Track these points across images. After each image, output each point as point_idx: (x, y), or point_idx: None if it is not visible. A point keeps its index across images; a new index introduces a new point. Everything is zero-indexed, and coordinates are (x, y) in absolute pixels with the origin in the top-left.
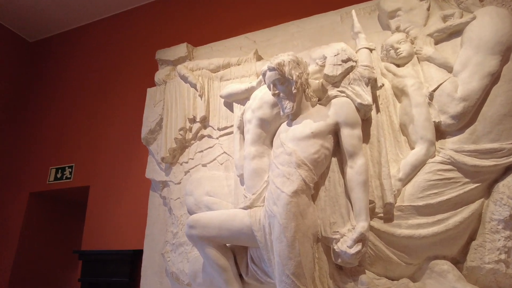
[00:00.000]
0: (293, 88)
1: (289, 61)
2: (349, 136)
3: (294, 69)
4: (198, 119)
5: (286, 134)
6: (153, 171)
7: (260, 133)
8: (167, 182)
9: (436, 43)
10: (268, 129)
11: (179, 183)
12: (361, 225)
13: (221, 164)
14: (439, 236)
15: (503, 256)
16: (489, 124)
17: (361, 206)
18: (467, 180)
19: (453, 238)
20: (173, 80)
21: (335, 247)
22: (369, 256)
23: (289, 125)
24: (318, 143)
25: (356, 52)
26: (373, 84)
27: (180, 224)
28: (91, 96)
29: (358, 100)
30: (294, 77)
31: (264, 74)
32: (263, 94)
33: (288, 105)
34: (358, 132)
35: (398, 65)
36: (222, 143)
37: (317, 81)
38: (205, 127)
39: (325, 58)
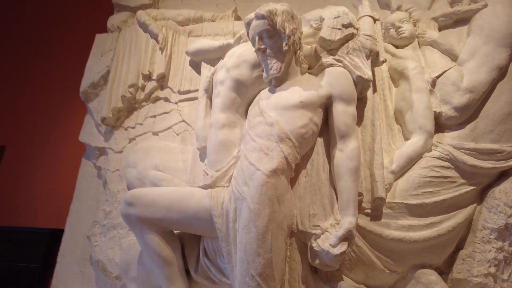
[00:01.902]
0: (284, 45)
1: (282, 11)
2: (343, 113)
3: (288, 22)
4: (154, 77)
5: (268, 101)
6: (90, 134)
7: (234, 98)
8: (105, 149)
9: (440, 29)
10: (244, 95)
11: (121, 151)
12: (348, 221)
13: (178, 134)
14: (431, 241)
15: (492, 270)
16: (491, 122)
17: (349, 197)
18: (463, 181)
19: (443, 245)
20: (130, 28)
21: (314, 245)
22: (349, 259)
23: (272, 91)
24: (307, 116)
25: (357, 20)
26: (374, 58)
27: (116, 201)
28: (21, 35)
29: (357, 73)
30: (287, 31)
31: (248, 24)
32: (243, 52)
33: (275, 65)
34: (353, 110)
35: (396, 47)
36: (182, 109)
37: (309, 46)
38: (162, 87)
39: (322, 20)
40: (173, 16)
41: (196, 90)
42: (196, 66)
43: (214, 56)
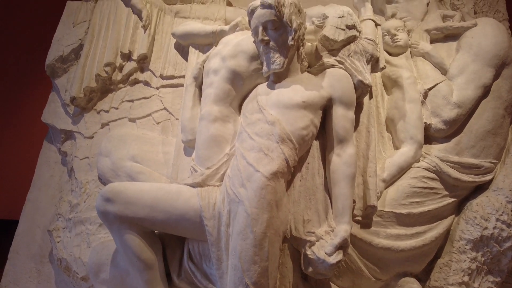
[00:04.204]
0: (290, 39)
1: (290, 3)
2: (343, 117)
3: (295, 15)
4: (135, 57)
5: (268, 97)
6: (54, 115)
7: (229, 91)
8: (73, 133)
9: (431, 42)
10: (239, 87)
11: (91, 137)
12: (344, 229)
13: (158, 123)
14: (415, 251)
15: (466, 279)
16: (474, 138)
17: (344, 204)
18: (446, 193)
19: (425, 254)
20: None
21: (308, 252)
22: (339, 266)
23: (271, 87)
24: (308, 118)
25: (360, 22)
26: (373, 63)
27: (85, 193)
28: None
29: (359, 77)
30: (294, 25)
31: (252, 12)
32: (240, 41)
33: (278, 59)
34: (352, 114)
35: (390, 54)
36: (164, 96)
37: (310, 44)
38: (142, 69)
39: (325, 17)
40: None
41: (181, 76)
42: (182, 50)
43: (204, 41)
